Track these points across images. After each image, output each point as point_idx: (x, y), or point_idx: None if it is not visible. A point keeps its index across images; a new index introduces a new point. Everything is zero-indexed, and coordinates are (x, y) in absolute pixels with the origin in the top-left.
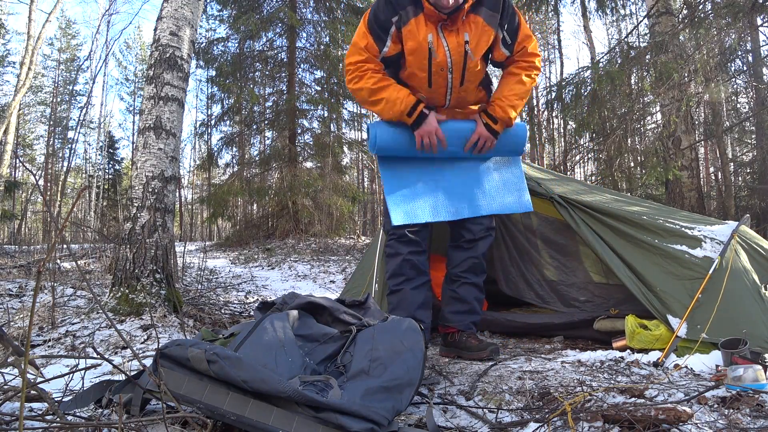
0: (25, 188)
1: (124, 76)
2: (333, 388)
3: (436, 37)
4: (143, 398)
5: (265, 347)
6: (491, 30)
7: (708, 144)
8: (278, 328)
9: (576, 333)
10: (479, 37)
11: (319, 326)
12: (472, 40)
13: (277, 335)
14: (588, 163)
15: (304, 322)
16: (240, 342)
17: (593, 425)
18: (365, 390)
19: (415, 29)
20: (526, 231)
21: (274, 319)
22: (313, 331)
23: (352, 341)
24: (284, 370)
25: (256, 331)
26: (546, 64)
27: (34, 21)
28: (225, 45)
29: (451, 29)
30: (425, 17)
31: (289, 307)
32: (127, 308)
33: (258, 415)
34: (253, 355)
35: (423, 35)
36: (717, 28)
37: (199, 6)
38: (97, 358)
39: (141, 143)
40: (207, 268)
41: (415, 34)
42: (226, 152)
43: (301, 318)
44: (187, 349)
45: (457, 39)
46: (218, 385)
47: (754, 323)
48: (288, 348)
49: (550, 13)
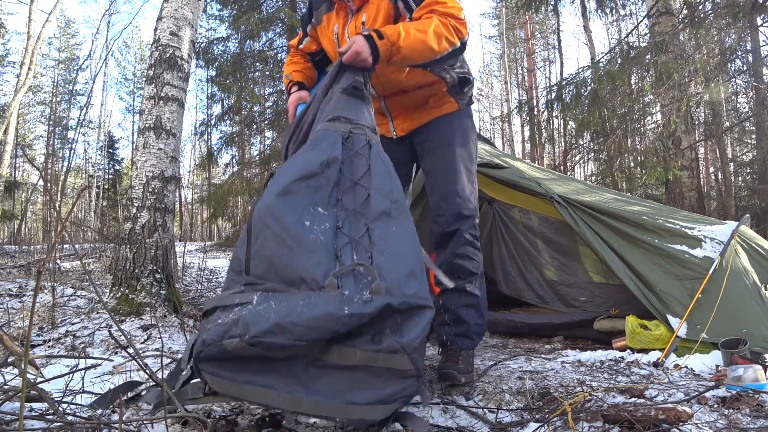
0: (25, 188)
1: (123, 75)
2: (374, 280)
3: (342, 27)
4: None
5: (277, 245)
6: (389, 3)
7: (708, 144)
8: (269, 209)
9: (576, 333)
10: (376, 13)
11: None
12: (368, 19)
13: (276, 229)
14: (588, 163)
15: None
16: (246, 261)
17: (593, 425)
18: (405, 275)
19: (326, 25)
20: (526, 231)
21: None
22: (306, 171)
23: (367, 172)
24: (310, 262)
25: (256, 237)
26: (546, 64)
27: (34, 21)
28: (225, 45)
29: (355, 14)
30: (337, 8)
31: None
32: (127, 308)
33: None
34: (270, 258)
35: (331, 28)
36: (717, 28)
37: (199, 6)
38: (98, 359)
39: (141, 143)
40: (207, 268)
41: (325, 30)
42: (226, 152)
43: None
44: (222, 342)
45: (356, 22)
46: (266, 364)
47: (754, 323)
48: (294, 231)
49: (549, 14)
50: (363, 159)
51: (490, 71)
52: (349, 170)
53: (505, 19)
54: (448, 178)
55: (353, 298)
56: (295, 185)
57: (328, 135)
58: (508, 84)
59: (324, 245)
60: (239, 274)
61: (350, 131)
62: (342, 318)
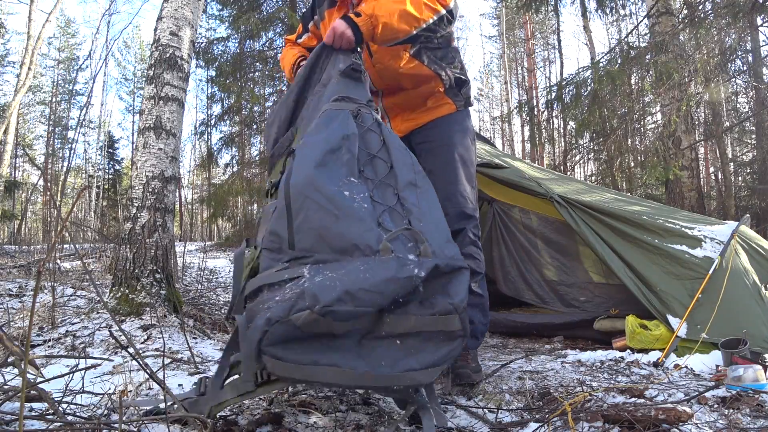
0: (25, 188)
1: (123, 75)
2: (422, 243)
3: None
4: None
5: (324, 216)
6: None
7: (708, 144)
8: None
9: (576, 333)
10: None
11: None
12: (366, 8)
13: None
14: (588, 163)
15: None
16: (289, 237)
17: (593, 425)
18: (445, 240)
19: (327, 21)
20: (526, 231)
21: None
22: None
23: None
24: (361, 229)
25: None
26: (546, 64)
27: (34, 21)
28: (225, 45)
29: (356, 7)
30: (340, 5)
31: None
32: (127, 308)
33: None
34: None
35: (332, 24)
36: (717, 28)
37: (199, 6)
38: (98, 359)
39: (141, 143)
40: (207, 268)
41: (326, 26)
42: (226, 152)
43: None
44: (290, 317)
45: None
46: (328, 342)
47: (754, 323)
48: (338, 201)
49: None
50: (375, 135)
51: (490, 71)
52: (364, 145)
53: (505, 19)
54: (450, 178)
55: (407, 260)
56: (327, 158)
57: (339, 113)
58: (508, 84)
59: (368, 212)
60: (279, 252)
61: (358, 109)
62: (401, 280)
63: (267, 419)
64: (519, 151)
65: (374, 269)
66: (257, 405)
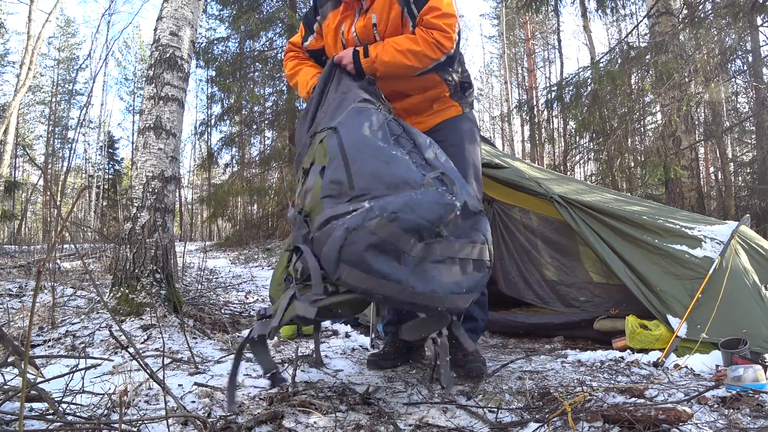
0: (25, 188)
1: (123, 75)
2: (453, 185)
3: (349, 25)
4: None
5: (376, 162)
6: (398, 6)
7: (708, 144)
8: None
9: (576, 333)
10: (387, 15)
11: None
12: (380, 21)
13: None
14: (588, 163)
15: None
16: (349, 179)
17: (593, 425)
18: (469, 192)
19: (331, 21)
20: (526, 231)
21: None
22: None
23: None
24: (408, 169)
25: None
26: (546, 64)
27: (34, 21)
28: (225, 45)
29: (363, 12)
30: (345, 6)
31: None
32: (127, 308)
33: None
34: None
35: (336, 25)
36: (717, 28)
37: (199, 6)
38: (98, 359)
39: (141, 143)
40: (207, 268)
41: (330, 27)
42: (226, 152)
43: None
44: (365, 224)
45: (365, 21)
46: (394, 260)
47: (754, 323)
48: (387, 152)
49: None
50: (396, 125)
51: (490, 71)
52: (389, 130)
53: (505, 19)
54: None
55: (445, 193)
56: (368, 129)
57: (365, 108)
58: (508, 84)
59: (410, 164)
60: (340, 196)
61: (380, 109)
62: (446, 205)
63: (267, 418)
64: (519, 151)
65: (424, 194)
66: (257, 405)
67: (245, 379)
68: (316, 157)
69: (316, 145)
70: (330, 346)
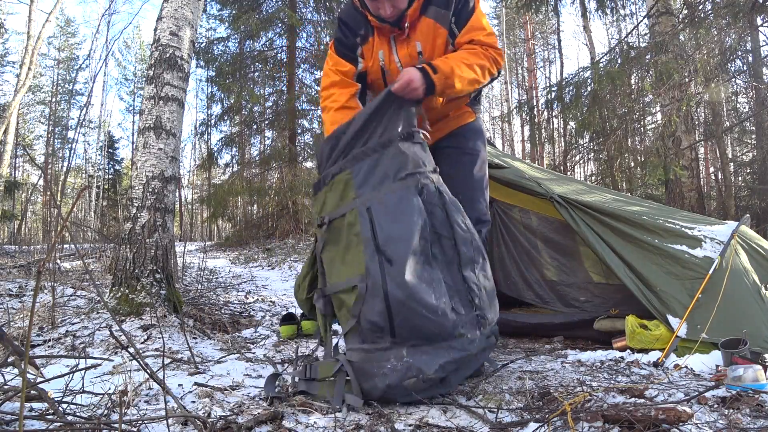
0: (25, 188)
1: (123, 75)
2: (486, 325)
3: (388, 52)
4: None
5: (419, 318)
6: (443, 30)
7: (708, 144)
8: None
9: (576, 333)
10: (433, 42)
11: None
12: (425, 48)
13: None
14: (588, 163)
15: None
16: (390, 327)
17: (593, 425)
18: (494, 313)
19: (371, 47)
20: (526, 231)
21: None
22: (414, 242)
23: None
24: (445, 324)
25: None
26: (546, 65)
27: (34, 21)
28: (225, 45)
29: (402, 40)
30: (378, 32)
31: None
32: (127, 308)
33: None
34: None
35: (375, 53)
36: (717, 28)
37: (199, 6)
38: (98, 359)
39: (141, 143)
40: (207, 268)
41: (370, 53)
42: (226, 152)
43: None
44: (404, 383)
45: (409, 50)
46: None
47: (754, 323)
48: (430, 306)
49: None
50: (438, 209)
51: None
52: (431, 222)
53: (505, 19)
54: (472, 185)
55: (475, 339)
56: (415, 260)
57: (406, 195)
58: (508, 84)
59: (448, 307)
60: (380, 339)
61: (420, 183)
62: (467, 356)
63: (267, 418)
64: (519, 151)
65: (452, 350)
66: (257, 405)
67: (245, 379)
68: (342, 236)
69: (340, 199)
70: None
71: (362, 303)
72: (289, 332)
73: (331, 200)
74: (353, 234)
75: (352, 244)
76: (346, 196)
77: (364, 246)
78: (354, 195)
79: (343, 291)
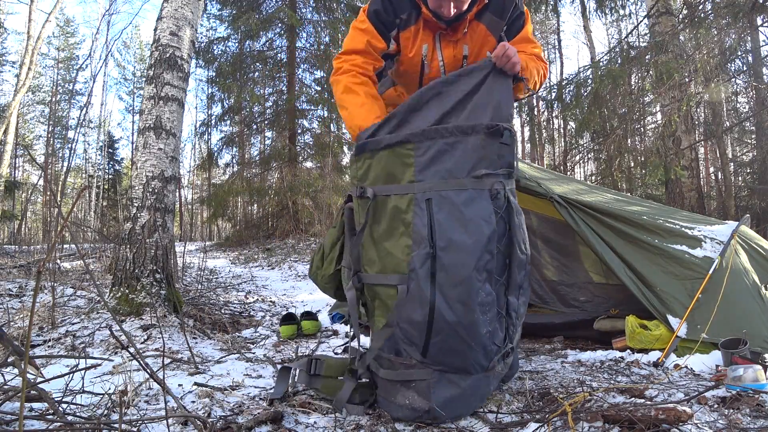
0: (25, 188)
1: (123, 75)
2: (514, 361)
3: (432, 48)
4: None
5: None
6: (493, 40)
7: (708, 144)
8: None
9: (576, 333)
10: (480, 48)
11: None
12: (471, 53)
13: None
14: (588, 163)
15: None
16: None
17: (593, 425)
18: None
19: (413, 37)
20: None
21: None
22: (480, 257)
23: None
24: (479, 356)
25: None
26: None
27: (34, 21)
28: (225, 45)
29: (450, 40)
30: (424, 24)
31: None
32: (127, 308)
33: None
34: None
35: (418, 45)
36: (717, 28)
37: (199, 6)
38: (98, 359)
39: (141, 143)
40: (207, 268)
41: (411, 43)
42: (226, 152)
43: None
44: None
45: (455, 52)
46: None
47: (754, 323)
48: (474, 333)
49: (549, 13)
50: (503, 222)
51: None
52: (496, 239)
53: None
54: None
55: (503, 371)
56: (476, 277)
57: (478, 198)
58: None
59: (488, 339)
60: (411, 344)
61: (494, 187)
62: (489, 391)
63: (267, 418)
64: (519, 151)
65: (479, 385)
66: (257, 405)
67: (245, 379)
68: (385, 218)
69: (391, 177)
70: (330, 346)
71: (401, 307)
72: (289, 332)
73: (378, 172)
74: (400, 221)
75: (395, 231)
76: (401, 176)
77: (414, 242)
78: (412, 178)
79: (380, 285)
